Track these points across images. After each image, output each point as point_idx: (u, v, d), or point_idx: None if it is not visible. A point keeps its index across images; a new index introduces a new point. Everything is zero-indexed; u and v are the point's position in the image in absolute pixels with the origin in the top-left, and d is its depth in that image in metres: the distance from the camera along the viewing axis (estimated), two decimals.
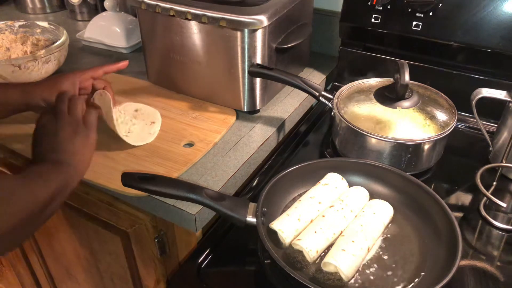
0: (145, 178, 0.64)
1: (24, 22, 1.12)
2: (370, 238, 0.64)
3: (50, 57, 0.99)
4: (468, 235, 0.71)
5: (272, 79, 0.85)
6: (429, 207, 0.68)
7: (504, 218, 0.74)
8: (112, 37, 1.19)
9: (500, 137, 0.82)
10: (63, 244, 1.02)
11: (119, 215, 0.82)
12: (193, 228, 0.70)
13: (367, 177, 0.75)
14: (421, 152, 0.78)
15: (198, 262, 0.67)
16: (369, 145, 0.79)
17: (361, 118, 0.80)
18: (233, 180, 0.76)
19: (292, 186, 0.74)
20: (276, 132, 0.89)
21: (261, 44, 0.83)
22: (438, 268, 0.60)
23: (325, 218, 0.66)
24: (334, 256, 0.60)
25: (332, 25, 1.10)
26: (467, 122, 0.94)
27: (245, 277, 0.66)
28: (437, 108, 0.81)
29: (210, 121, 0.87)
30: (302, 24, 0.96)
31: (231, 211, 0.63)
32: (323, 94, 0.85)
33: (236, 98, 0.89)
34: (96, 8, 1.41)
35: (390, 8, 0.92)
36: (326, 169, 0.75)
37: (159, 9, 0.84)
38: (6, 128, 0.85)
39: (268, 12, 0.80)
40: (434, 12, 0.88)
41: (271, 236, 0.65)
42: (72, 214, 0.91)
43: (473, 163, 0.83)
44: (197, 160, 0.78)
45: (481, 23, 0.85)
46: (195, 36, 0.85)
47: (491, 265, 0.66)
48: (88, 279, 1.07)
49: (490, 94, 0.79)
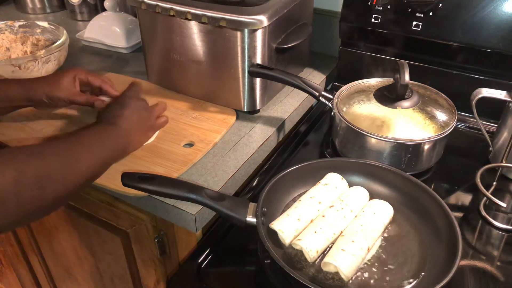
0: (145, 178, 0.64)
1: (24, 22, 1.12)
2: (370, 238, 0.64)
3: (50, 57, 0.99)
4: (468, 235, 0.71)
5: (272, 79, 0.85)
6: (429, 207, 0.68)
7: (504, 218, 0.74)
8: (112, 37, 1.19)
9: (500, 137, 0.82)
10: (63, 244, 1.02)
11: (119, 215, 0.82)
12: (193, 228, 0.70)
13: (367, 177, 0.75)
14: (421, 152, 0.78)
15: (198, 262, 0.67)
16: (369, 145, 0.79)
17: (361, 118, 0.80)
18: (233, 180, 0.76)
19: (292, 186, 0.74)
20: (276, 132, 0.89)
21: (261, 44, 0.83)
22: (438, 268, 0.60)
23: (325, 218, 0.66)
24: (334, 256, 0.60)
25: (332, 25, 1.10)
26: (467, 122, 0.94)
27: (245, 277, 0.66)
28: (437, 108, 0.81)
29: (210, 121, 0.87)
30: (302, 24, 0.96)
31: (231, 211, 0.63)
32: (323, 94, 0.85)
33: (236, 98, 0.89)
34: (96, 8, 1.41)
35: (390, 8, 0.92)
36: (326, 169, 0.75)
37: (159, 9, 0.84)
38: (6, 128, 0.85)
39: (268, 12, 0.80)
40: (434, 12, 0.88)
41: (271, 236, 0.65)
42: (72, 214, 0.91)
43: (473, 163, 0.83)
44: (197, 160, 0.78)
45: (481, 23, 0.85)
46: (195, 36, 0.85)
47: (491, 265, 0.66)
48: (88, 279, 1.07)
49: (490, 94, 0.79)
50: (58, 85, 0.77)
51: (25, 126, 0.85)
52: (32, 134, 0.83)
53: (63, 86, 0.77)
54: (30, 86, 0.76)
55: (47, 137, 0.82)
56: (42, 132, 0.84)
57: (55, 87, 0.76)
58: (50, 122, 0.86)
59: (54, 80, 0.77)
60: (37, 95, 0.76)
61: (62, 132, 0.84)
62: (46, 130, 0.84)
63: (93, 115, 0.77)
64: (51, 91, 0.76)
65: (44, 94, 0.76)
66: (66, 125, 0.86)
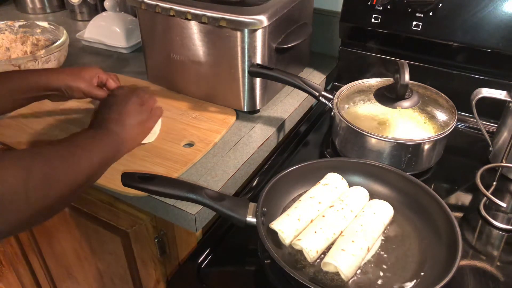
0: (145, 178, 0.64)
1: (24, 22, 1.12)
2: (370, 238, 0.64)
3: (50, 57, 0.99)
4: (468, 235, 0.71)
5: (272, 79, 0.85)
6: (429, 207, 0.68)
7: (504, 218, 0.74)
8: (112, 37, 1.19)
9: (500, 137, 0.82)
10: (63, 244, 1.02)
11: (119, 215, 0.82)
12: (193, 228, 0.70)
13: (367, 177, 0.75)
14: (421, 152, 0.78)
15: (198, 262, 0.67)
16: (369, 145, 0.79)
17: (361, 118, 0.80)
18: (233, 180, 0.76)
19: (292, 186, 0.74)
20: (276, 132, 0.89)
21: (261, 44, 0.83)
22: (438, 268, 0.60)
23: (325, 218, 0.66)
24: (334, 256, 0.60)
25: (332, 25, 1.10)
26: (467, 122, 0.94)
27: (245, 277, 0.66)
28: (437, 108, 0.81)
29: (210, 121, 0.87)
30: (302, 24, 0.96)
31: (231, 211, 0.63)
32: (323, 94, 0.85)
33: (236, 98, 0.89)
34: (96, 8, 1.41)
35: (390, 8, 0.92)
36: (326, 169, 0.75)
37: (159, 9, 0.84)
38: (6, 128, 0.85)
39: (268, 12, 0.80)
40: (434, 12, 0.88)
41: (271, 236, 0.65)
42: (72, 214, 0.91)
43: (473, 163, 0.83)
44: (197, 160, 0.78)
45: (481, 23, 0.85)
46: (195, 36, 0.85)
47: (491, 265, 0.66)
48: (88, 279, 1.07)
49: (490, 94, 0.79)
50: (80, 76, 0.78)
51: (25, 127, 0.85)
52: (32, 134, 0.83)
53: (84, 78, 0.78)
54: (51, 75, 0.77)
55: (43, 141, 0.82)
56: (42, 132, 0.84)
57: (77, 78, 0.77)
58: (50, 122, 0.87)
59: (76, 71, 0.79)
60: (57, 83, 0.76)
61: (63, 132, 0.84)
62: (46, 130, 0.85)
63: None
64: (72, 80, 0.77)
65: (64, 83, 0.76)
66: (67, 126, 0.86)
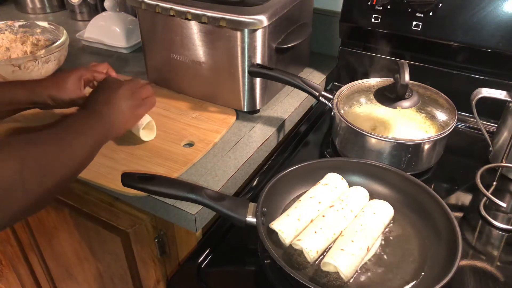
0: (145, 178, 0.64)
1: (24, 22, 1.12)
2: (370, 238, 0.64)
3: (50, 57, 0.99)
4: (468, 235, 0.71)
5: (272, 79, 0.85)
6: (429, 207, 0.68)
7: (504, 218, 0.74)
8: (112, 37, 1.19)
9: (500, 137, 0.82)
10: (63, 244, 1.02)
11: (119, 215, 0.82)
12: (193, 228, 0.70)
13: (367, 177, 0.75)
14: (421, 152, 0.78)
15: (198, 262, 0.67)
16: (369, 145, 0.79)
17: (361, 118, 0.80)
18: (233, 180, 0.76)
19: (292, 186, 0.74)
20: (276, 132, 0.89)
21: (261, 44, 0.83)
22: (438, 268, 0.60)
23: (325, 218, 0.66)
24: (334, 256, 0.60)
25: (332, 25, 1.09)
26: (467, 122, 0.94)
27: (245, 277, 0.66)
28: (437, 108, 0.81)
29: (210, 121, 0.87)
30: (302, 24, 0.96)
31: (231, 211, 0.63)
32: (323, 94, 0.85)
33: (236, 98, 0.89)
34: (96, 8, 1.41)
35: (390, 8, 0.92)
36: (326, 169, 0.75)
37: (159, 9, 0.84)
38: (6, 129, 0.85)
39: (268, 12, 0.80)
40: (434, 12, 0.88)
41: (271, 236, 0.65)
42: (72, 214, 0.91)
43: (473, 163, 0.83)
44: (197, 160, 0.78)
45: (481, 23, 0.85)
46: (195, 36, 0.85)
47: (491, 265, 0.66)
48: (88, 279, 1.07)
49: (490, 94, 0.79)
50: (63, 87, 0.75)
51: (25, 127, 0.85)
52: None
53: (68, 88, 0.76)
54: (34, 89, 0.75)
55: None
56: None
57: (60, 89, 0.75)
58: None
59: (59, 82, 0.76)
60: (42, 98, 0.75)
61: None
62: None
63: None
64: (55, 93, 0.75)
65: (48, 96, 0.75)
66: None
